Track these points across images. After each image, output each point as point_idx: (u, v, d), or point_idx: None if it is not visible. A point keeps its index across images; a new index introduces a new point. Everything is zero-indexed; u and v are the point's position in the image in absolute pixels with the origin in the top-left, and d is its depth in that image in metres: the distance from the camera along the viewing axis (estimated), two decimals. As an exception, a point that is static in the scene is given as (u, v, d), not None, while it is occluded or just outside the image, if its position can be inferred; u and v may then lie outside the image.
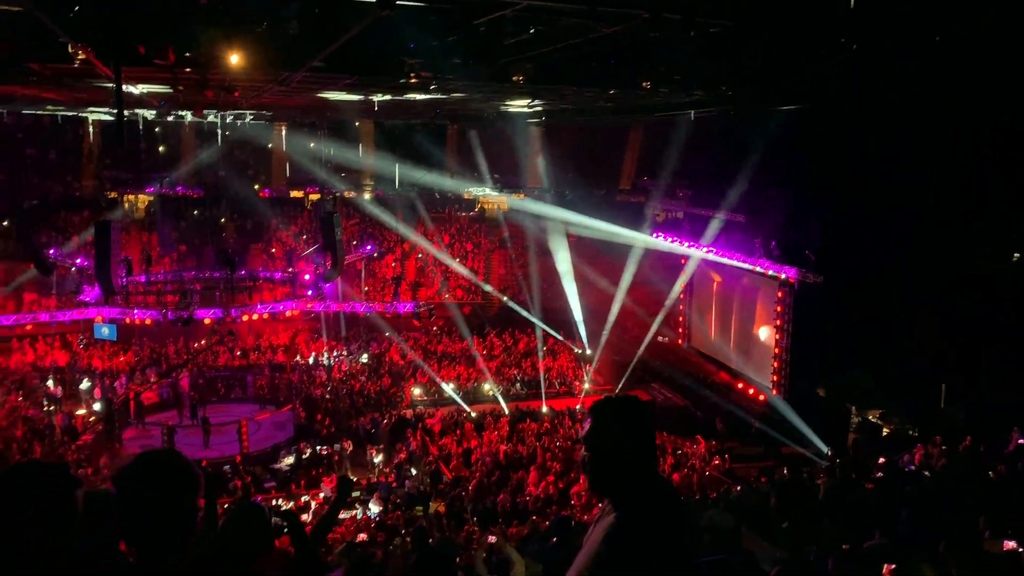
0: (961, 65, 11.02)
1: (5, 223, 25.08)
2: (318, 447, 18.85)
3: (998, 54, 10.33)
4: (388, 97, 20.88)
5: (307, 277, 27.25)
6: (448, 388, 22.19)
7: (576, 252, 25.31)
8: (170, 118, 25.99)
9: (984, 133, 14.82)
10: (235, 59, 11.20)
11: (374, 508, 15.28)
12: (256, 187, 27.86)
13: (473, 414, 20.79)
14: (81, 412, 20.57)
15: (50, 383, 22.17)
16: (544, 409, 21.17)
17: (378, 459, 18.55)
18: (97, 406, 20.88)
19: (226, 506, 4.65)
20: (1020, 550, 6.38)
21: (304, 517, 13.32)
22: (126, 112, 21.36)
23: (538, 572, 7.27)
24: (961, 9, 9.03)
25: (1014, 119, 14.02)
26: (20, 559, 2.10)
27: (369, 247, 28.48)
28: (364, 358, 25.22)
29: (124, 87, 15.83)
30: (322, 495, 16.15)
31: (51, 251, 24.18)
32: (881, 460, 11.03)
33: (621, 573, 2.10)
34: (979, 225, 15.57)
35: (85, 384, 22.23)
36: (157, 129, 28.02)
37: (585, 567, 2.19)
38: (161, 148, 28.60)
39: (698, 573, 2.57)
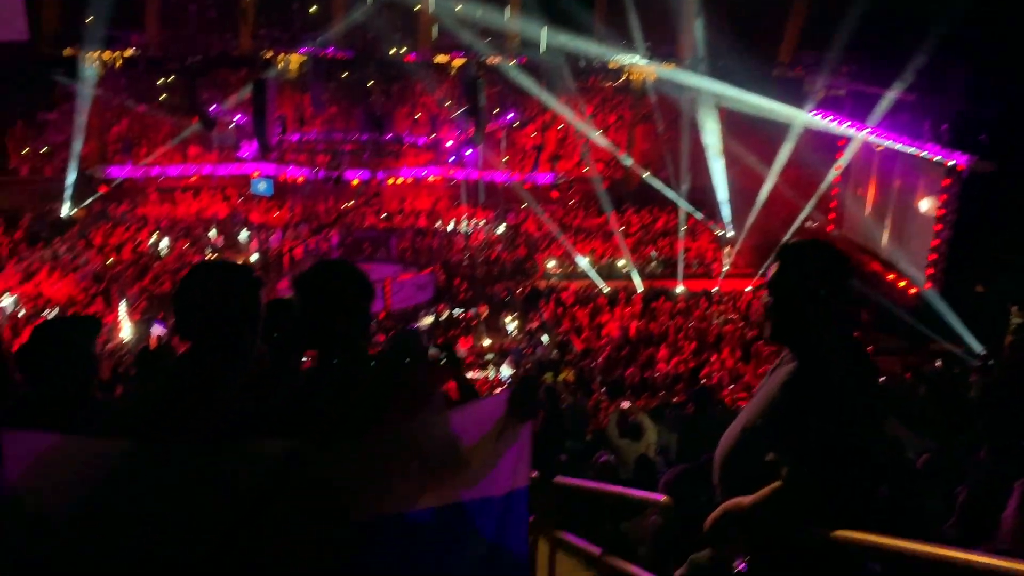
0: None
1: (172, 78, 26.36)
2: (455, 310, 19.52)
3: None
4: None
5: (449, 144, 27.48)
6: (583, 262, 22.20)
7: (726, 128, 24.15)
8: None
9: None
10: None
11: (506, 371, 15.81)
12: (403, 50, 27.81)
13: (606, 289, 20.81)
14: (239, 262, 21.97)
15: (212, 233, 23.86)
16: (679, 289, 20.89)
17: (511, 325, 19.05)
18: (254, 257, 22.32)
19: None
20: None
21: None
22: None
23: (671, 440, 7.34)
24: None
25: None
26: (207, 355, 2.22)
27: (511, 115, 28.22)
28: (501, 228, 25.52)
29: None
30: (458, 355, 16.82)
31: (212, 107, 25.37)
32: (1045, 363, 10.28)
33: (799, 422, 2.02)
34: None
35: (243, 236, 23.78)
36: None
37: (759, 414, 2.12)
38: (313, 8, 28.84)
39: (880, 430, 2.46)
